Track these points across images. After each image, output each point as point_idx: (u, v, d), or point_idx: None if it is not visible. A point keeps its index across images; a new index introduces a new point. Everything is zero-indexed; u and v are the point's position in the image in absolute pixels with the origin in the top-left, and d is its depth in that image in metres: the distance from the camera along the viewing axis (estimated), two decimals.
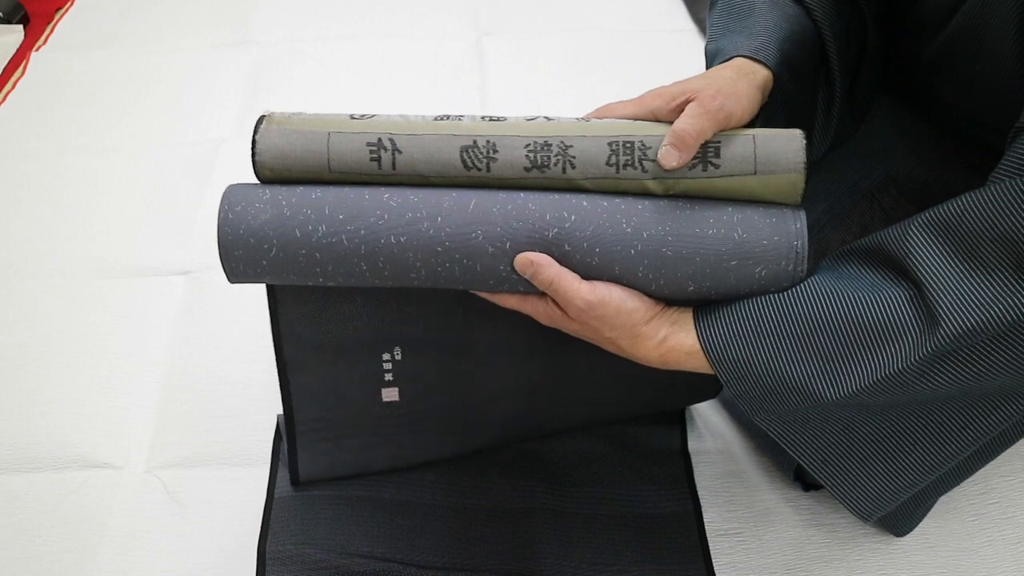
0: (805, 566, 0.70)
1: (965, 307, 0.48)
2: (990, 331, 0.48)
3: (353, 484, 0.74)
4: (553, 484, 0.75)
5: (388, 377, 0.68)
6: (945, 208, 0.51)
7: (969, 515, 0.73)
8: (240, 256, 0.55)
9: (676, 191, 0.55)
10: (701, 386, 0.74)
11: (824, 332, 0.52)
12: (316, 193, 0.55)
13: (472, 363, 0.69)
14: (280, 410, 0.72)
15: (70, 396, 0.83)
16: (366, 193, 0.55)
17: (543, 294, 0.56)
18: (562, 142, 0.54)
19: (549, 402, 0.73)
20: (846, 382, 0.51)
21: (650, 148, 0.54)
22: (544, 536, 0.71)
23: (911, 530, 0.71)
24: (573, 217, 0.53)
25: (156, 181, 1.08)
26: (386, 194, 0.55)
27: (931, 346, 0.49)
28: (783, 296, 0.53)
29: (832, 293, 0.52)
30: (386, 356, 0.67)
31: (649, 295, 0.55)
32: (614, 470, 0.76)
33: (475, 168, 0.55)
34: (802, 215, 0.54)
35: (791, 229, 0.53)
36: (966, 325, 0.48)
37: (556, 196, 0.55)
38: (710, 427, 0.80)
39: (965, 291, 0.49)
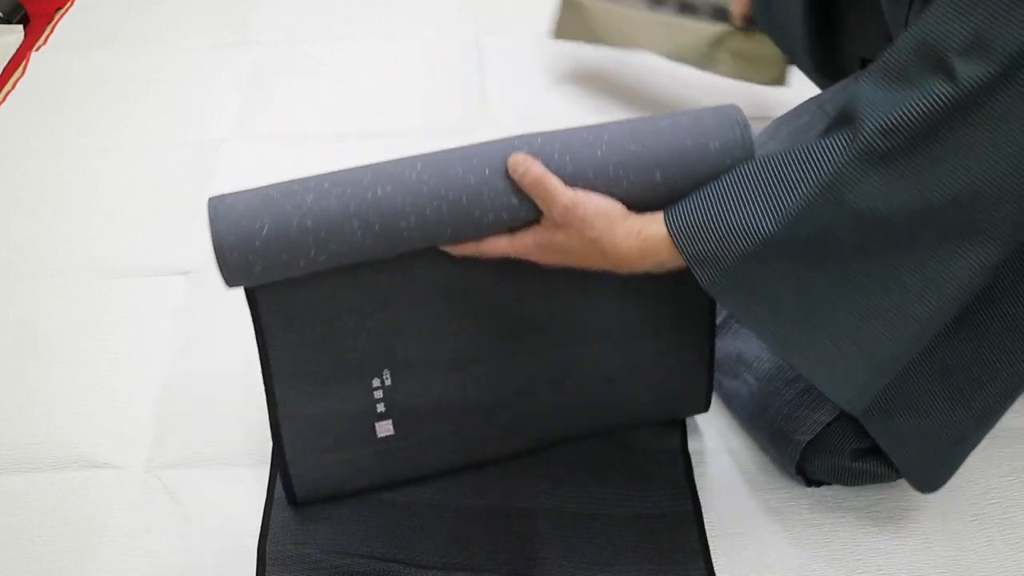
0: (805, 566, 0.70)
1: (884, 108, 0.52)
2: (910, 126, 0.51)
3: None
4: (553, 484, 0.75)
5: (380, 408, 0.68)
6: (886, 50, 0.55)
7: (969, 515, 0.73)
8: (233, 244, 0.56)
9: None
10: (691, 382, 0.74)
11: (768, 173, 0.56)
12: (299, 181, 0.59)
13: (462, 377, 0.69)
14: None
15: (70, 396, 0.84)
16: (348, 168, 0.60)
17: (529, 225, 0.60)
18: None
19: (541, 409, 0.73)
20: (783, 206, 0.55)
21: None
22: (544, 536, 0.71)
23: (938, 487, 0.69)
24: (539, 139, 0.60)
25: (156, 181, 1.08)
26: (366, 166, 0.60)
27: (854, 149, 0.52)
28: (739, 164, 0.59)
29: (782, 150, 0.57)
30: (376, 383, 0.67)
31: (624, 199, 0.59)
32: (614, 470, 0.76)
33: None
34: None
35: (725, 108, 0.61)
36: (884, 122, 0.51)
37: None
38: (710, 427, 0.80)
39: (886, 98, 0.52)
